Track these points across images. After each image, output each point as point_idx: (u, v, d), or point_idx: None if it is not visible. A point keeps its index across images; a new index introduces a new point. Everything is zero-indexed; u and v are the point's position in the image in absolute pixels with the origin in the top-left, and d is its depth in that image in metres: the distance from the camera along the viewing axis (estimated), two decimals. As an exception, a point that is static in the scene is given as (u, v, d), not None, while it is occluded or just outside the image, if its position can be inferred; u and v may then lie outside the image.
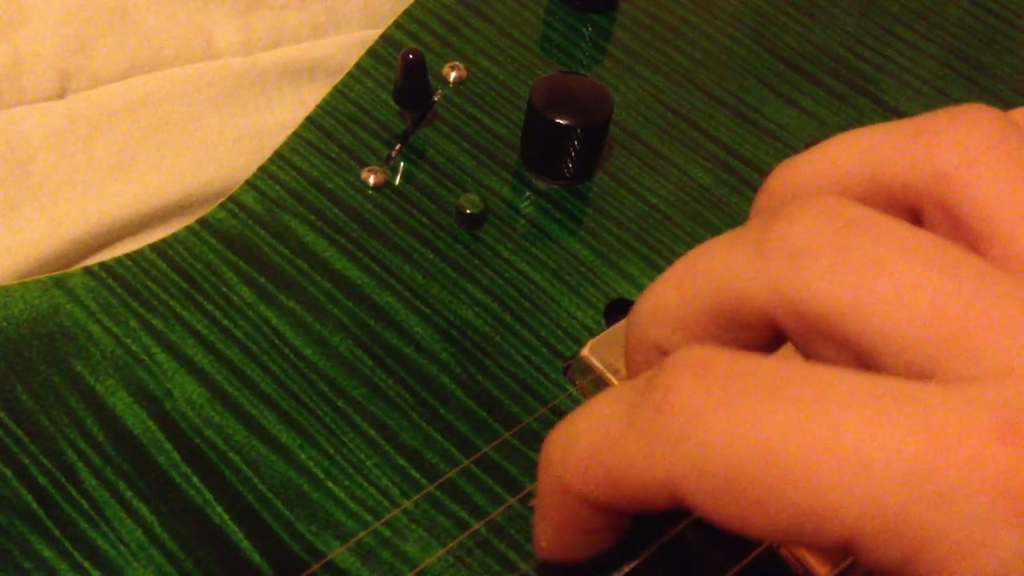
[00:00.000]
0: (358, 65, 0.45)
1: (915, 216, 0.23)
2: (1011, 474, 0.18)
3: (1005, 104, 0.48)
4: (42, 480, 0.31)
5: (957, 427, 0.18)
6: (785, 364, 0.20)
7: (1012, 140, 0.22)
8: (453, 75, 0.45)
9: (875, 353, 0.21)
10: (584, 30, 0.49)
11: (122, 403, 0.33)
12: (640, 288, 0.39)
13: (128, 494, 0.31)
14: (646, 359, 0.26)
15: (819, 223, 0.22)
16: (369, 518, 0.31)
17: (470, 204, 0.39)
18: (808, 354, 0.23)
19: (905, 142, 0.23)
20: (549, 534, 0.26)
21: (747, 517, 0.20)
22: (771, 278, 0.22)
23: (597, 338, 0.36)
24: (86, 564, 0.29)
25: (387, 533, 0.31)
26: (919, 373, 0.20)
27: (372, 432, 0.33)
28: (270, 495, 0.31)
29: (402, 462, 0.33)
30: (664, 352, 0.25)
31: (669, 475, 0.21)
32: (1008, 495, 0.18)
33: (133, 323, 0.35)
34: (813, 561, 0.31)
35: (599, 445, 0.22)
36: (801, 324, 0.22)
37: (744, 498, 0.20)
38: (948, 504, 0.18)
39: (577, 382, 0.35)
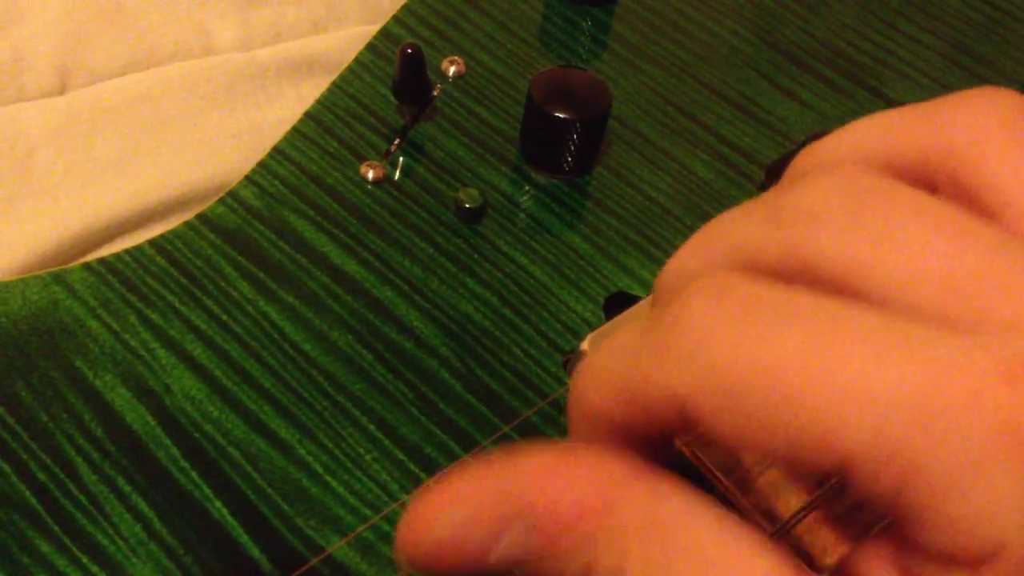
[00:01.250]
0: (357, 60, 0.45)
1: (930, 192, 0.25)
2: (1011, 415, 0.18)
3: (1005, 96, 0.48)
4: (41, 476, 0.31)
5: (962, 365, 0.19)
6: (800, 292, 0.21)
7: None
8: (452, 69, 0.45)
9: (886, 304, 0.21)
10: (583, 24, 0.48)
11: (121, 398, 0.33)
12: (639, 282, 0.39)
13: (127, 489, 0.31)
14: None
15: (833, 189, 0.22)
16: (368, 512, 0.31)
17: (469, 198, 0.39)
18: None
19: (921, 121, 0.24)
20: None
21: (748, 432, 0.20)
22: (784, 240, 0.22)
23: (596, 331, 0.35)
24: (85, 559, 0.29)
25: (386, 527, 0.31)
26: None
27: (371, 427, 0.33)
28: (269, 490, 0.31)
29: (401, 456, 0.33)
30: None
31: (679, 388, 0.21)
32: (1006, 434, 0.18)
33: (132, 318, 0.35)
34: (816, 550, 0.31)
35: (618, 362, 0.23)
36: (815, 284, 0.22)
37: (747, 413, 0.20)
38: (945, 437, 0.19)
39: (576, 376, 0.35)
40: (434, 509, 0.22)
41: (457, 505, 0.22)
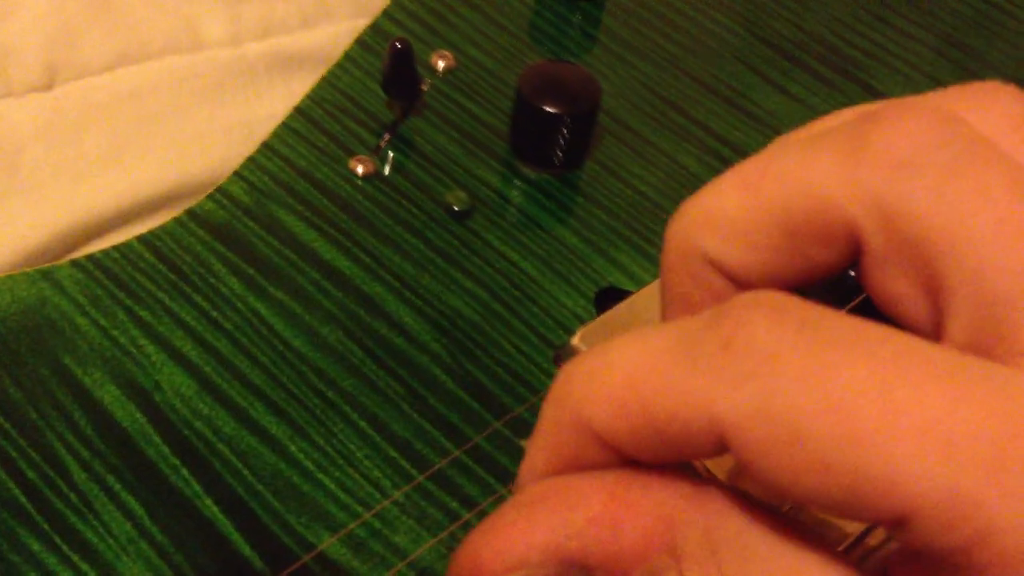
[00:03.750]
0: (346, 55, 0.45)
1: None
2: None
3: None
4: (31, 474, 0.31)
5: None
6: (866, 321, 0.19)
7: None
8: (441, 64, 0.45)
9: (955, 292, 0.19)
10: (572, 18, 0.48)
11: (110, 396, 0.33)
12: (630, 276, 0.39)
13: (117, 487, 0.31)
14: (691, 273, 0.23)
15: (925, 135, 0.20)
16: (360, 509, 0.31)
17: (457, 201, 0.39)
18: (873, 274, 0.21)
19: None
20: (540, 471, 0.23)
21: (802, 473, 0.18)
22: (868, 186, 0.20)
23: (588, 326, 0.35)
24: (75, 557, 0.29)
25: (378, 524, 0.31)
26: (990, 331, 0.19)
27: (362, 423, 0.33)
28: (260, 487, 0.31)
29: (393, 453, 0.33)
30: (716, 266, 0.22)
31: (725, 414, 0.19)
32: None
33: (121, 315, 0.35)
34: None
35: (642, 376, 0.20)
36: (890, 242, 0.20)
37: (805, 452, 0.18)
38: (1020, 494, 0.17)
39: (567, 371, 0.35)
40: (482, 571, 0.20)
41: (507, 567, 0.20)
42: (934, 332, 0.21)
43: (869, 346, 0.18)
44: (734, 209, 0.22)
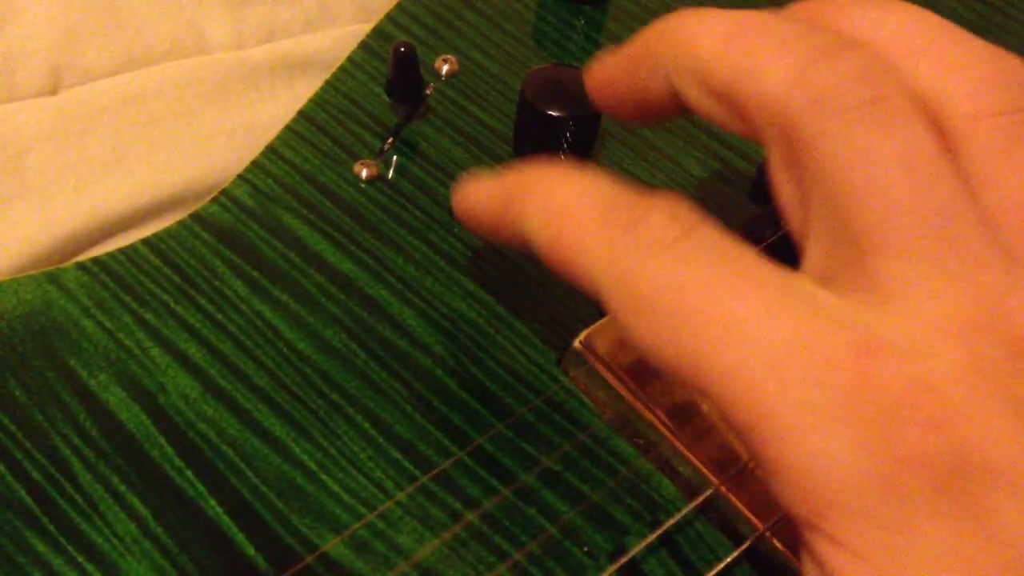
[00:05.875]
0: (350, 59, 0.45)
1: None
2: (851, 383, 0.21)
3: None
4: (36, 475, 0.31)
5: (826, 332, 0.22)
6: (732, 241, 0.24)
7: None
8: (445, 68, 0.45)
9: (819, 217, 0.24)
10: (576, 22, 0.49)
11: (116, 398, 0.33)
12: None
13: (122, 488, 0.31)
14: (645, 68, 0.30)
15: (853, 73, 0.24)
16: (363, 510, 0.31)
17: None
18: (774, 178, 0.26)
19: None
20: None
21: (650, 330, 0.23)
22: (791, 107, 0.24)
23: (590, 329, 0.36)
24: (80, 559, 0.29)
25: (381, 525, 0.31)
26: (840, 260, 0.23)
27: (366, 425, 0.33)
28: (264, 488, 0.31)
29: (396, 454, 0.33)
30: (666, 82, 0.29)
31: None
32: (847, 398, 0.21)
33: (126, 318, 0.35)
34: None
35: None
36: (789, 154, 0.25)
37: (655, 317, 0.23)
38: (794, 390, 0.21)
39: (571, 373, 0.35)
40: None
41: None
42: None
43: (725, 260, 0.23)
44: (705, 56, 0.27)
